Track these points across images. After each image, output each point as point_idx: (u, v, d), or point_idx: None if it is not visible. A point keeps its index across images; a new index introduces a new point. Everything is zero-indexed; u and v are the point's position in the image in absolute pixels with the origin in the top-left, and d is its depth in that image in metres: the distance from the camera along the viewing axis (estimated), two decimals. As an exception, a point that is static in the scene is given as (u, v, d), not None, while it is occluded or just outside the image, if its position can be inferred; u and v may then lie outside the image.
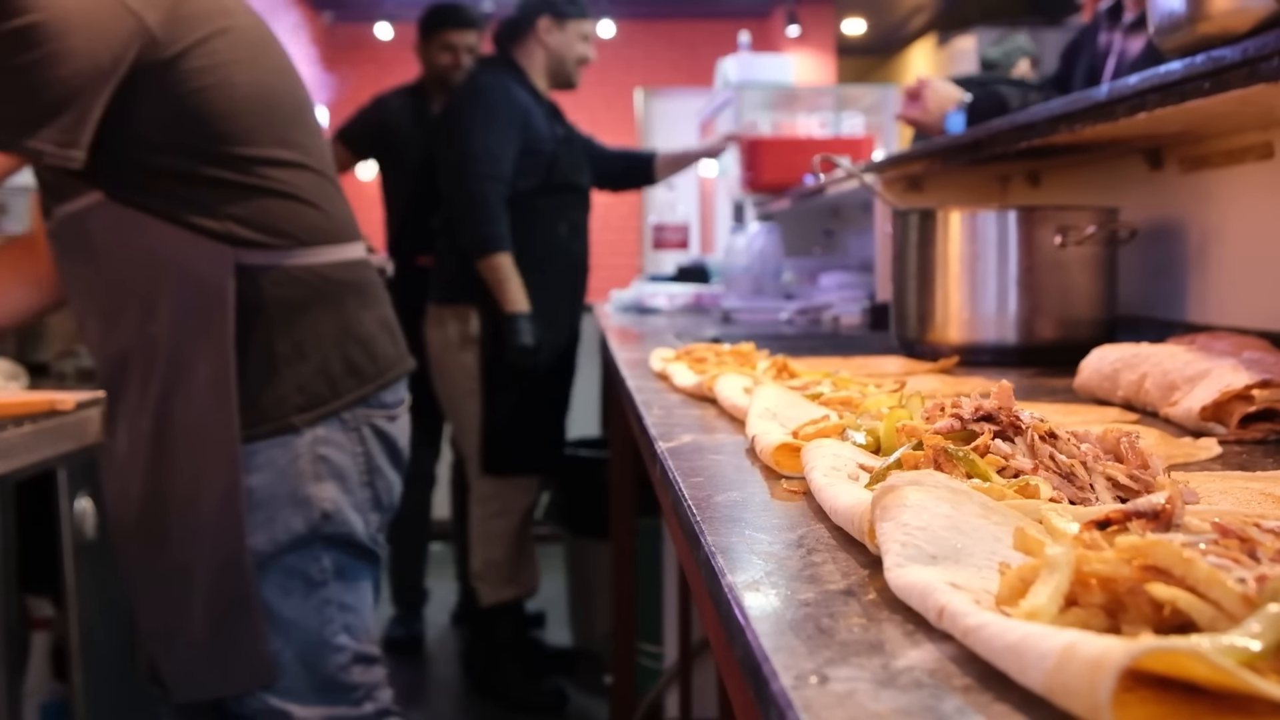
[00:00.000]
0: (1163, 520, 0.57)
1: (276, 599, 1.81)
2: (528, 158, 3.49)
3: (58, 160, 1.68)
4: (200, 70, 1.76)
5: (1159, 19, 1.39)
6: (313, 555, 1.84)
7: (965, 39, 9.82)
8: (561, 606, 4.41)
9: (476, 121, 3.44)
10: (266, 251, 1.80)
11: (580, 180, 3.71)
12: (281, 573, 1.82)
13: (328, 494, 1.84)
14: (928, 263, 1.88)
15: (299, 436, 1.81)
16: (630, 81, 10.46)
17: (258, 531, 1.79)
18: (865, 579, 0.62)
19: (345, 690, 1.89)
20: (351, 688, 1.89)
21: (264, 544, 1.79)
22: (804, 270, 3.74)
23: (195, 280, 1.76)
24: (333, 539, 1.86)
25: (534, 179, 3.52)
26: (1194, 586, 0.48)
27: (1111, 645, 0.42)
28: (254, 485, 1.78)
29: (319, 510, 1.83)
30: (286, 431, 1.80)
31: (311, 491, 1.82)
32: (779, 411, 1.08)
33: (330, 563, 1.86)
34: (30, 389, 2.22)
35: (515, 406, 3.55)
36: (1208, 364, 1.23)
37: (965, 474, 0.72)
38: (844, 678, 0.47)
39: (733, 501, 0.82)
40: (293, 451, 1.81)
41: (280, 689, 1.82)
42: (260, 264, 1.79)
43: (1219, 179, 1.86)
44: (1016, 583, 0.52)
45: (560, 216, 3.62)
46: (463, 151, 3.42)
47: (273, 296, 1.80)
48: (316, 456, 1.83)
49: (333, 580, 1.86)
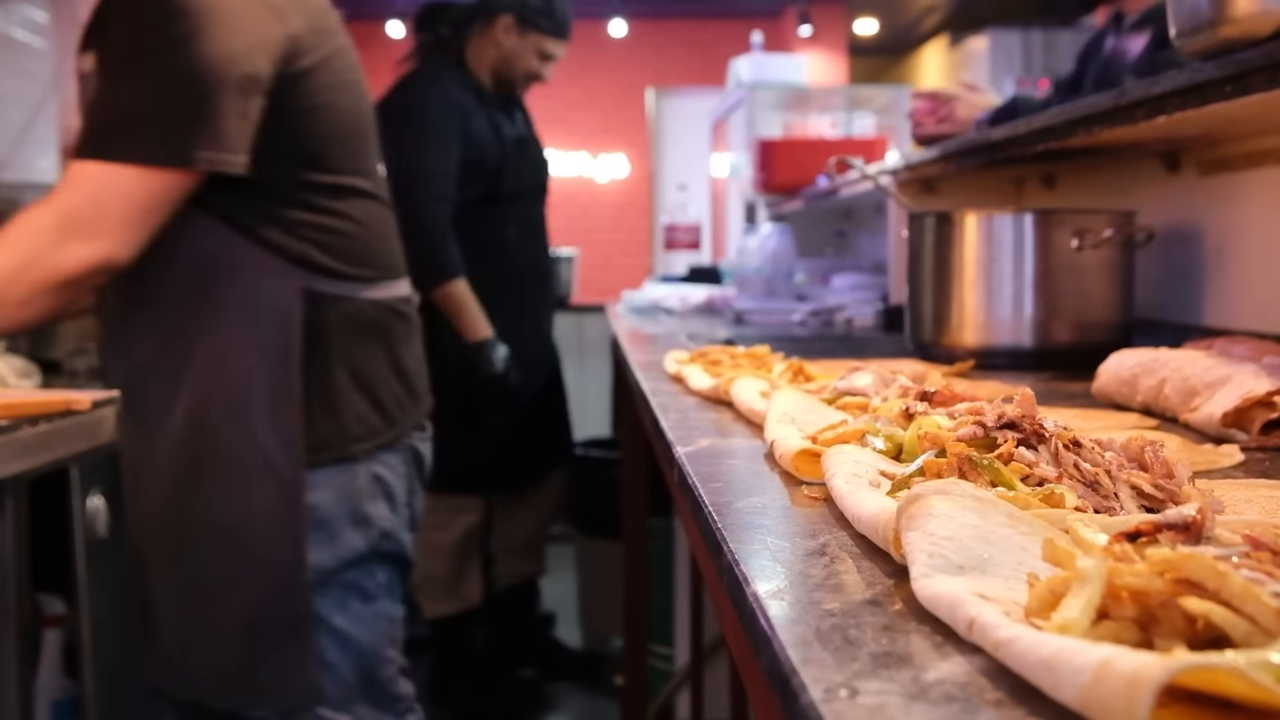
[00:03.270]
0: (1193, 532, 0.57)
1: (335, 613, 1.82)
2: (468, 167, 3.32)
3: (221, 168, 1.65)
4: (318, 88, 1.76)
5: (1180, 21, 1.38)
6: (369, 571, 1.86)
7: (978, 39, 9.80)
8: (572, 607, 4.41)
9: (417, 138, 3.25)
10: (337, 281, 1.80)
11: (531, 183, 3.53)
12: (341, 588, 1.82)
13: (383, 512, 1.86)
14: (943, 265, 1.87)
15: (357, 461, 1.83)
16: (642, 80, 10.46)
17: (321, 549, 1.79)
18: (891, 589, 0.61)
19: (393, 701, 1.91)
20: (398, 699, 1.92)
21: (328, 561, 1.80)
22: (816, 271, 3.73)
23: (259, 298, 1.74)
24: (387, 555, 1.88)
25: (476, 188, 3.35)
26: (1228, 600, 0.48)
27: (1149, 661, 0.41)
28: (315, 503, 1.78)
29: (378, 529, 1.85)
30: (347, 459, 1.81)
31: (370, 510, 1.84)
32: (797, 416, 1.07)
33: (384, 578, 1.89)
34: (43, 387, 2.22)
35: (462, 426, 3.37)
36: (1228, 370, 1.22)
37: (990, 482, 0.72)
38: (874, 690, 0.47)
39: (753, 507, 0.81)
40: (351, 472, 1.82)
41: (336, 701, 1.83)
42: (329, 292, 1.78)
43: (1237, 182, 1.85)
44: (1047, 595, 0.52)
45: (508, 221, 3.45)
46: (407, 171, 3.19)
47: (336, 326, 1.79)
48: (373, 476, 1.85)
49: (384, 595, 1.89)
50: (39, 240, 1.61)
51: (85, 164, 1.63)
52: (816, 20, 9.46)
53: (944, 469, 0.75)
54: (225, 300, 1.74)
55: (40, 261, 1.61)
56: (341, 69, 1.81)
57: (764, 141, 4.60)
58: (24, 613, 1.86)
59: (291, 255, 1.75)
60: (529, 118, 3.65)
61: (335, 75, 1.79)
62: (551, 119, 6.15)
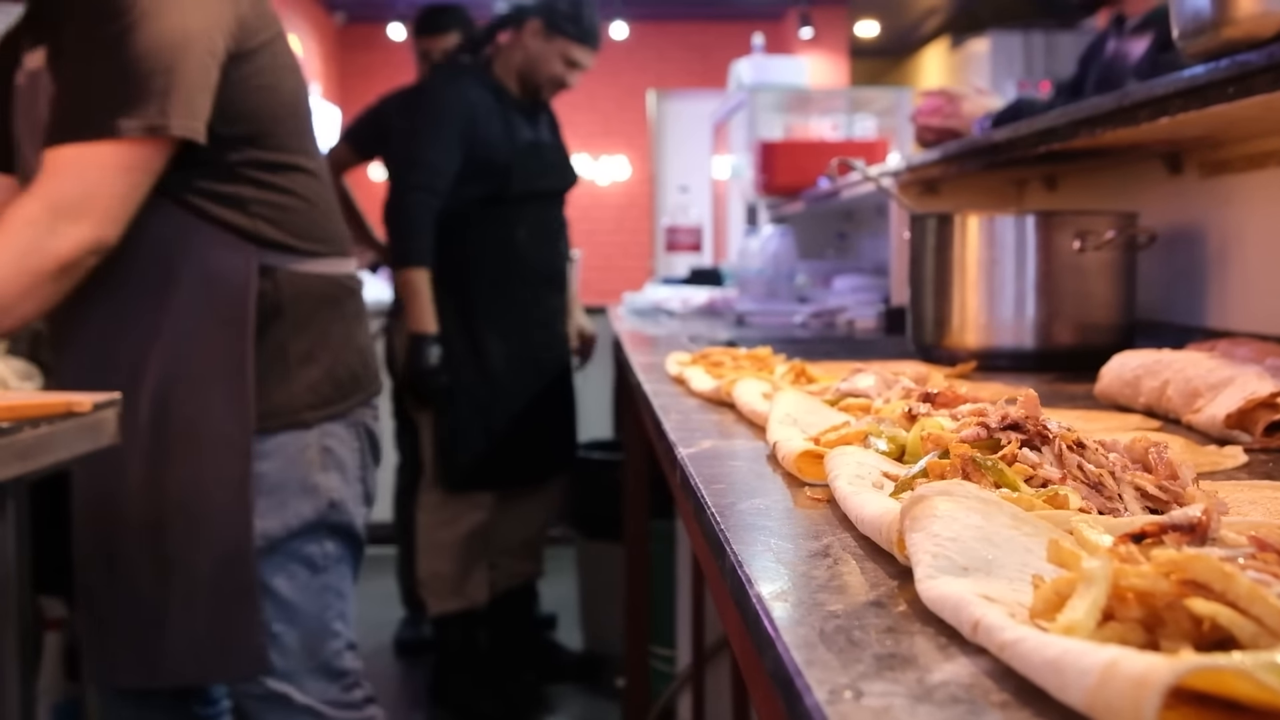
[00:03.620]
0: (1198, 533, 0.57)
1: (282, 583, 1.84)
2: (475, 165, 3.34)
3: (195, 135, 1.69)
4: (262, 69, 1.81)
5: (1183, 23, 1.38)
6: (317, 541, 1.88)
7: (979, 42, 9.80)
8: (573, 609, 4.41)
9: (421, 128, 3.31)
10: (289, 255, 1.84)
11: (544, 186, 3.54)
12: (288, 557, 1.85)
13: (333, 484, 1.89)
14: (945, 267, 1.87)
15: (308, 430, 1.86)
16: (643, 83, 10.46)
17: (269, 516, 1.82)
18: (894, 590, 0.61)
19: (339, 675, 1.93)
20: (344, 673, 1.94)
21: (276, 528, 1.83)
22: (817, 273, 3.73)
23: (216, 275, 1.77)
24: (336, 527, 1.91)
25: (483, 188, 3.36)
26: (1234, 602, 0.47)
27: (1156, 663, 0.41)
28: (264, 471, 1.82)
29: (326, 499, 1.88)
30: (297, 426, 1.84)
31: (319, 480, 1.87)
32: (799, 417, 1.07)
33: (332, 550, 1.91)
34: (44, 388, 2.22)
35: (472, 421, 3.41)
36: (1231, 371, 1.21)
37: (993, 483, 0.72)
38: (879, 692, 0.46)
39: (756, 509, 0.81)
40: (302, 441, 1.85)
41: (281, 672, 1.85)
42: (282, 266, 1.82)
43: (1239, 184, 1.84)
44: (1052, 596, 0.52)
45: (518, 222, 3.46)
46: (402, 158, 3.32)
47: (290, 299, 1.84)
48: (323, 448, 1.88)
49: (333, 567, 1.91)
50: (31, 230, 1.63)
51: (63, 149, 1.66)
52: (817, 22, 9.47)
53: (947, 470, 0.75)
54: (182, 279, 1.77)
55: (36, 250, 1.63)
56: (283, 53, 1.87)
57: (765, 143, 4.60)
58: (25, 616, 1.85)
59: (244, 231, 1.79)
60: (555, 123, 3.68)
61: (277, 58, 1.84)
62: (552, 121, 6.16)
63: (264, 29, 1.82)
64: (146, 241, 1.76)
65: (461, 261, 3.37)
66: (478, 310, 3.40)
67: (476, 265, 3.37)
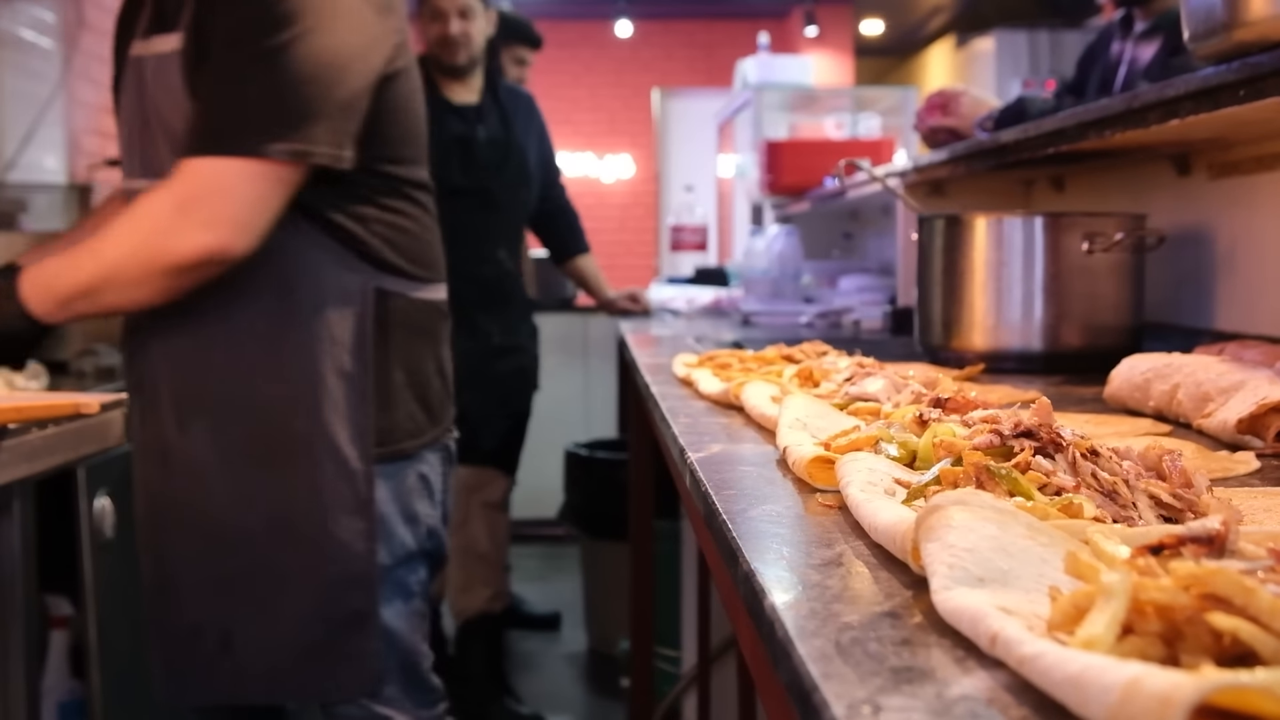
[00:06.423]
0: (1217, 545, 0.56)
1: (384, 611, 1.82)
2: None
3: (336, 164, 1.66)
4: (405, 90, 1.80)
5: (1194, 24, 1.38)
6: (414, 569, 1.87)
7: (984, 40, 9.79)
8: (578, 609, 4.41)
9: None
10: (401, 279, 1.81)
11: (463, 184, 3.46)
12: (390, 586, 1.83)
13: (428, 510, 1.88)
14: (953, 268, 1.86)
15: (409, 459, 1.84)
16: (647, 82, 10.46)
17: (379, 546, 1.79)
18: (909, 600, 0.61)
19: (430, 693, 1.92)
20: (433, 690, 1.93)
21: (384, 558, 1.80)
22: (823, 273, 3.72)
23: (334, 293, 1.74)
24: (429, 554, 1.90)
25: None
26: (1256, 616, 0.47)
27: (1180, 681, 0.40)
28: (375, 499, 1.78)
29: (425, 526, 1.87)
30: (399, 456, 1.82)
31: (420, 509, 1.86)
32: (809, 421, 1.07)
33: (424, 575, 1.90)
34: (50, 388, 2.22)
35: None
36: (1242, 375, 1.21)
37: (1008, 491, 0.71)
38: (897, 707, 0.46)
39: (767, 515, 0.81)
40: (404, 470, 1.83)
41: (384, 697, 1.84)
42: (393, 290, 1.80)
43: (1248, 185, 1.84)
44: (1070, 609, 0.51)
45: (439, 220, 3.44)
46: None
47: (397, 324, 1.81)
48: (419, 475, 1.86)
49: (421, 592, 1.90)
50: (155, 222, 1.62)
51: (202, 160, 1.63)
52: (822, 21, 9.45)
53: (961, 478, 0.74)
54: (299, 294, 1.74)
55: (155, 243, 1.61)
56: (416, 75, 1.86)
57: (770, 143, 4.60)
58: (31, 614, 1.85)
59: (365, 251, 1.77)
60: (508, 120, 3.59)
61: (412, 80, 1.84)
62: (557, 120, 6.14)
63: (406, 54, 1.80)
64: (269, 251, 1.70)
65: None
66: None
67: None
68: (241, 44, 1.64)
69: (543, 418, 4.37)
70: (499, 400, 3.59)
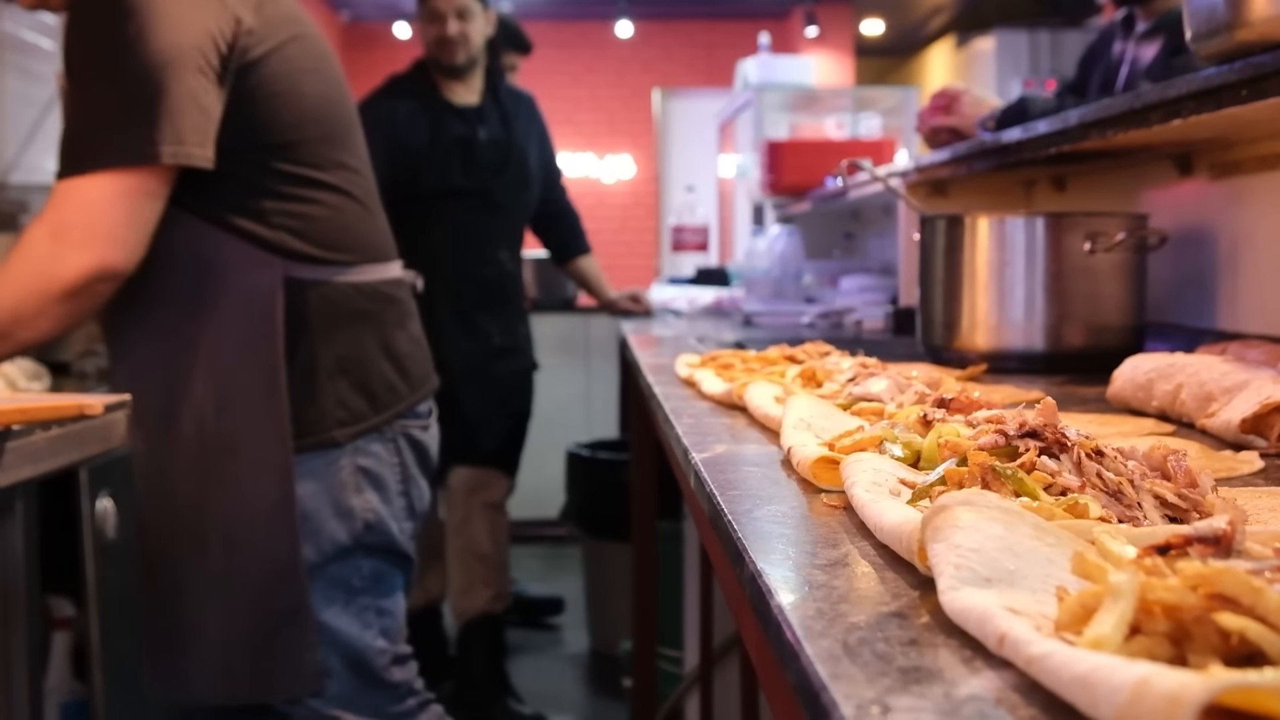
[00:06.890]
0: (1224, 545, 0.56)
1: (320, 607, 1.82)
2: (393, 165, 3.30)
3: (185, 161, 1.67)
4: (276, 76, 1.78)
5: (1196, 24, 1.38)
6: (354, 564, 1.86)
7: (985, 40, 9.79)
8: (580, 609, 4.41)
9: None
10: (316, 266, 1.81)
11: (464, 184, 3.47)
12: (325, 582, 1.83)
13: (369, 504, 1.86)
14: (955, 269, 1.86)
15: (340, 449, 1.83)
16: (648, 82, 10.46)
17: (304, 543, 1.79)
18: (916, 600, 0.61)
19: (388, 689, 1.91)
20: (393, 686, 1.92)
21: (310, 555, 1.80)
22: (824, 273, 3.72)
23: (245, 289, 1.76)
24: (373, 548, 1.88)
25: (399, 189, 3.30)
26: (1263, 616, 0.47)
27: (1189, 681, 0.40)
28: (298, 494, 1.79)
29: (361, 521, 1.85)
30: (329, 445, 1.81)
31: (354, 502, 1.84)
32: (813, 422, 1.07)
33: (369, 570, 1.88)
34: (52, 389, 2.22)
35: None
36: (1246, 375, 1.21)
37: (1013, 492, 0.71)
38: (906, 707, 0.46)
39: (772, 516, 0.81)
40: (335, 463, 1.82)
41: (330, 696, 1.84)
42: (308, 278, 1.80)
43: (1250, 185, 1.84)
44: (1078, 609, 0.51)
45: (436, 221, 3.43)
46: None
47: (318, 311, 1.81)
48: (357, 468, 1.85)
49: (371, 587, 1.88)
50: (36, 254, 1.65)
51: (67, 182, 1.66)
52: (823, 21, 9.45)
53: (966, 478, 0.74)
54: (212, 296, 1.76)
55: (41, 273, 1.64)
56: (300, 56, 1.82)
57: (771, 143, 4.60)
58: (33, 615, 1.85)
59: (269, 245, 1.77)
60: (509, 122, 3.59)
61: (293, 63, 1.80)
62: (558, 120, 6.14)
63: (273, 34, 1.77)
64: (176, 259, 1.75)
65: None
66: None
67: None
68: (80, 60, 1.69)
69: (544, 418, 4.37)
70: (499, 400, 3.59)
